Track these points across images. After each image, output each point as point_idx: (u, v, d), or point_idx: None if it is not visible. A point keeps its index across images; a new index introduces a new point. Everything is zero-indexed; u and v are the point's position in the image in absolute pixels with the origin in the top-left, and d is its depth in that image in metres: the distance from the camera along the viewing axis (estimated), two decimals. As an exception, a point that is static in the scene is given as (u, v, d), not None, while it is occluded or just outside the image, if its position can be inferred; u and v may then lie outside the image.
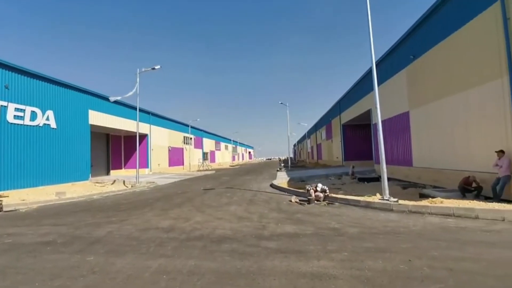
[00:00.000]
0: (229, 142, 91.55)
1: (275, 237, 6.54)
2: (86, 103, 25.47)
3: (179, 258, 5.30)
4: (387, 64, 18.23)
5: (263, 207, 10.75)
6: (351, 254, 5.19)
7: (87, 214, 10.42)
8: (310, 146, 70.34)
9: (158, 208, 11.16)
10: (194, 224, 8.13)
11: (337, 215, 8.89)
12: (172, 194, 15.76)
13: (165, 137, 42.53)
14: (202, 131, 62.61)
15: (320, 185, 11.55)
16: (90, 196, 16.00)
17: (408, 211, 8.88)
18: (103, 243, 6.47)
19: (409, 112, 15.65)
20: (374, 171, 21.25)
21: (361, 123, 30.90)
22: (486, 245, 5.43)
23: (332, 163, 39.13)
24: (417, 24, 14.18)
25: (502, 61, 9.02)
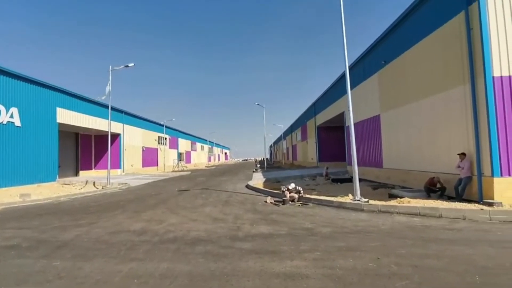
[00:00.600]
0: (205, 142, 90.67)
1: (250, 238, 6.57)
2: (54, 101, 24.31)
3: (151, 261, 5.19)
4: (360, 68, 18.81)
5: (238, 208, 10.75)
6: (323, 253, 5.30)
7: (54, 217, 9.97)
8: (286, 147, 71.09)
9: (130, 210, 10.87)
10: (167, 226, 8.00)
11: (310, 215, 9.06)
12: (145, 196, 15.40)
13: (139, 137, 41.47)
14: (178, 131, 61.61)
15: (293, 185, 11.71)
16: (57, 198, 15.31)
17: (378, 210, 9.20)
18: (70, 247, 6.22)
19: (380, 115, 16.23)
20: (347, 172, 21.83)
21: (335, 125, 31.61)
22: (448, 243, 5.73)
23: (307, 164, 39.79)
24: (388, 30, 14.74)
25: (465, 68, 9.56)
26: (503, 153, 8.68)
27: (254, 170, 35.53)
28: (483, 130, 8.92)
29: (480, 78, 8.96)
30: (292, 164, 53.34)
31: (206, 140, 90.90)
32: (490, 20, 8.95)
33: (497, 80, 8.82)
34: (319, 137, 35.05)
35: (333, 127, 33.02)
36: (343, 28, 10.84)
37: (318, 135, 35.09)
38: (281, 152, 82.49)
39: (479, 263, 4.56)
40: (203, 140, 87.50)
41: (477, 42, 9.07)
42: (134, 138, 39.84)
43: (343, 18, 10.91)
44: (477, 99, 9.10)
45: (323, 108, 30.69)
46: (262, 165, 45.76)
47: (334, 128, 33.06)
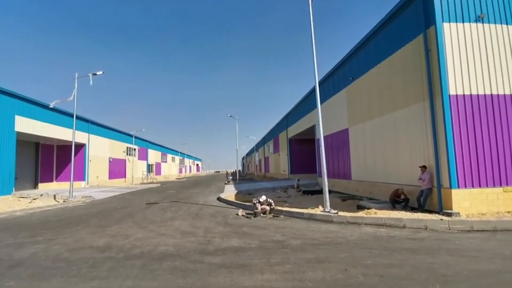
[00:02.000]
0: (177, 154, 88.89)
1: (220, 252, 6.46)
2: (13, 108, 22.85)
3: (115, 279, 4.94)
4: (330, 83, 19.48)
5: (209, 221, 10.56)
6: (294, 265, 5.33)
7: (8, 233, 9.24)
8: (258, 159, 71.36)
9: (93, 225, 10.33)
10: (134, 241, 7.68)
11: (281, 227, 9.09)
12: (111, 209, 14.73)
13: (106, 147, 39.85)
14: (148, 142, 59.97)
15: (264, 197, 11.72)
16: (13, 212, 14.25)
17: (346, 222, 9.41)
18: (25, 266, 5.77)
19: (348, 129, 16.81)
20: (318, 184, 22.23)
21: (307, 138, 32.23)
22: (411, 252, 5.98)
23: (279, 176, 40.09)
24: (355, 48, 15.46)
25: (424, 87, 10.21)
26: (460, 166, 9.25)
27: (226, 182, 35.24)
28: (441, 145, 9.48)
29: (438, 96, 9.59)
30: (265, 176, 53.55)
31: (177, 151, 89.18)
32: (446, 42, 9.66)
33: (453, 98, 9.46)
34: (291, 149, 35.52)
35: (304, 140, 33.67)
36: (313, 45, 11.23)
37: (290, 147, 35.57)
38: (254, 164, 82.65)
39: (439, 271, 4.79)
40: (174, 151, 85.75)
41: (434, 63, 9.73)
42: (101, 149, 38.23)
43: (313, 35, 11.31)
44: (435, 116, 9.70)
45: (295, 121, 31.27)
46: (234, 177, 45.50)
47: (305, 141, 33.71)
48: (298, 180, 22.27)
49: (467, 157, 9.34)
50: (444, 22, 9.71)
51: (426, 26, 10.08)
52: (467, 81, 9.61)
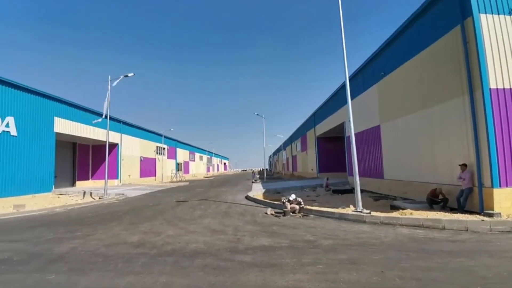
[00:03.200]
0: (204, 152, 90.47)
1: (250, 250, 6.41)
2: (52, 110, 24.21)
3: (149, 274, 5.03)
4: (360, 79, 18.92)
5: (238, 219, 10.57)
6: (326, 266, 5.18)
7: (48, 229, 9.74)
8: (285, 157, 70.98)
9: (127, 222, 10.67)
10: (165, 238, 7.82)
11: (312, 227, 8.91)
12: (142, 207, 15.17)
13: (137, 147, 41.27)
14: (176, 141, 61.45)
15: (294, 196, 11.56)
16: (53, 209, 15.07)
17: (380, 222, 9.06)
18: (65, 260, 6.03)
19: (380, 126, 16.23)
20: (348, 183, 21.70)
21: (335, 136, 31.61)
22: (451, 255, 5.65)
23: (307, 175, 39.62)
24: (387, 42, 14.87)
25: (463, 81, 9.62)
26: (501, 164, 8.71)
27: (254, 181, 35.30)
28: (483, 141, 8.93)
29: (478, 90, 9.03)
30: (292, 174, 53.11)
31: (205, 150, 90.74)
32: (484, 33, 9.13)
33: (494, 92, 8.91)
34: (319, 148, 34.97)
35: (333, 138, 33.02)
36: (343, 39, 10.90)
37: (318, 146, 35.02)
38: (281, 163, 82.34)
39: (479, 274, 4.58)
40: (202, 150, 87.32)
41: (473, 55, 9.20)
42: (132, 148, 39.64)
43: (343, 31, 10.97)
44: (476, 111, 9.14)
45: (323, 119, 30.74)
46: (261, 175, 45.53)
47: (334, 139, 33.05)
48: (327, 179, 21.85)
49: (508, 155, 8.78)
50: (481, 13, 9.21)
51: (463, 17, 9.54)
52: (506, 74, 9.05)
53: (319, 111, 32.80)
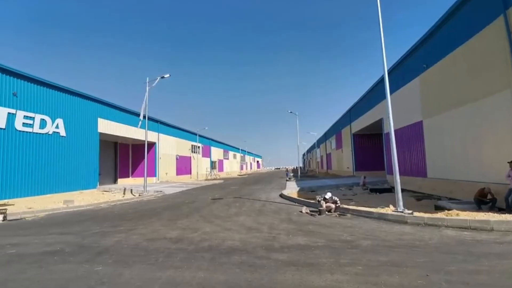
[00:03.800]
0: (237, 151, 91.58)
1: (286, 249, 6.36)
2: (96, 111, 25.78)
3: (188, 269, 5.16)
4: (399, 72, 18.06)
5: (273, 217, 10.55)
6: (366, 268, 5.01)
7: (94, 223, 10.36)
8: (319, 155, 69.82)
9: (165, 218, 11.05)
10: (202, 235, 7.99)
11: (349, 226, 8.66)
12: (179, 204, 15.66)
13: (173, 145, 42.70)
14: (210, 140, 62.77)
15: (329, 194, 11.31)
16: (98, 204, 16.00)
17: (423, 223, 8.60)
18: (110, 253, 6.37)
19: (422, 121, 15.39)
20: (387, 181, 20.87)
21: (373, 133, 30.60)
22: (499, 257, 5.34)
23: (343, 173, 38.68)
24: (429, 33, 14.06)
25: (510, 71, 8.85)
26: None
27: (288, 179, 35.12)
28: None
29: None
30: (327, 173, 52.10)
31: (238, 148, 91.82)
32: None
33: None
34: (355, 145, 33.96)
35: (370, 135, 31.97)
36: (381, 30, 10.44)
37: (354, 143, 34.02)
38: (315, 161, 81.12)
39: None
40: (235, 148, 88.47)
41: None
42: (169, 147, 41.08)
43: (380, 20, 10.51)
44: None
45: (359, 115, 29.82)
46: (295, 174, 45.18)
47: (371, 136, 31.99)
48: (364, 177, 21.13)
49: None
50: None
51: (505, 6, 8.91)
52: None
53: (355, 107, 31.85)
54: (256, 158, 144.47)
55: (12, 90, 17.89)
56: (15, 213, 12.37)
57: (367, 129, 29.06)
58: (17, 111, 18.09)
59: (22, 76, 18.61)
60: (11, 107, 17.74)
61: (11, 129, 17.73)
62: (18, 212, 12.62)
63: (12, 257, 6.22)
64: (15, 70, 18.07)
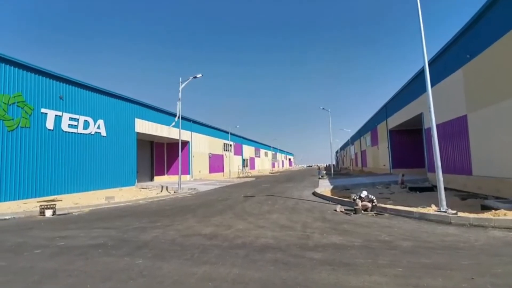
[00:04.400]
0: (269, 148, 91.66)
1: (321, 248, 6.25)
2: (133, 112, 26.98)
3: (223, 265, 5.23)
4: (440, 64, 17.02)
5: (306, 216, 10.42)
6: (406, 270, 4.79)
7: (134, 218, 10.83)
8: (353, 152, 67.98)
9: (200, 215, 11.30)
10: (236, 232, 8.06)
11: (387, 226, 8.33)
12: (213, 201, 15.95)
13: (206, 144, 43.60)
14: (242, 138, 63.36)
15: (365, 193, 10.93)
16: (136, 201, 16.72)
17: (468, 224, 8.07)
18: (149, 247, 6.62)
19: (466, 115, 14.40)
20: (427, 179, 19.83)
21: (411, 128, 29.17)
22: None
23: (379, 171, 37.30)
24: (472, 21, 13.10)
25: None
26: None
27: (320, 177, 34.55)
28: None
29: None
30: (362, 170, 50.56)
31: (269, 146, 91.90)
32: None
33: None
34: (391, 142, 32.51)
35: (408, 131, 30.45)
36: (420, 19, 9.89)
37: (390, 140, 32.57)
38: (349, 158, 79.15)
39: None
40: (266, 146, 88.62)
41: None
42: (201, 145, 42.02)
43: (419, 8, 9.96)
44: None
45: (396, 110, 28.52)
46: (328, 171, 44.36)
47: (409, 132, 30.47)
48: (402, 175, 20.17)
49: None
50: None
51: None
52: None
53: (391, 102, 30.53)
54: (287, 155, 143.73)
55: (59, 94, 19.21)
56: (63, 208, 13.28)
57: (405, 125, 27.74)
58: (63, 113, 19.41)
59: (67, 80, 19.92)
60: (58, 109, 19.06)
61: (58, 130, 19.04)
62: (66, 207, 13.54)
63: (61, 249, 6.68)
64: (61, 75, 19.38)
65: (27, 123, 17.03)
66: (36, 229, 9.20)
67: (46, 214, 11.83)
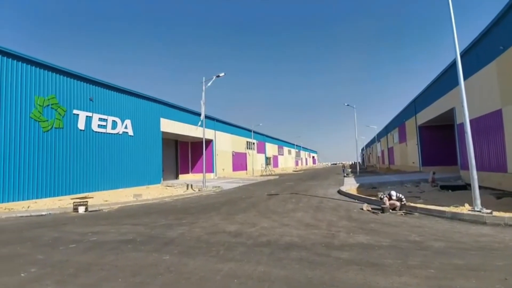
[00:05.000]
0: (292, 146, 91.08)
1: (347, 247, 6.13)
2: (158, 112, 27.69)
3: (248, 263, 5.25)
4: (472, 57, 16.17)
5: (331, 214, 10.26)
6: (438, 271, 4.62)
7: (160, 216, 11.11)
8: (380, 150, 66.19)
9: (224, 213, 11.40)
10: (260, 230, 8.07)
11: (417, 226, 8.05)
12: (237, 199, 16.05)
13: (229, 142, 43.98)
14: (265, 136, 63.36)
15: (394, 192, 10.59)
16: (162, 198, 17.13)
17: (504, 224, 7.69)
18: (176, 244, 6.76)
19: (501, 110, 13.60)
20: (460, 177, 18.95)
21: (441, 124, 27.92)
22: None
23: (407, 169, 36.06)
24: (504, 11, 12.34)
25: None
26: None
27: (345, 175, 33.91)
28: None
29: None
30: (389, 168, 49.07)
31: (293, 144, 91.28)
32: None
33: None
34: (421, 138, 31.23)
35: (438, 126, 29.15)
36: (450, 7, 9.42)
37: (420, 136, 31.30)
38: (375, 156, 77.15)
39: None
40: (290, 144, 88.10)
41: None
42: (225, 144, 42.43)
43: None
44: None
45: (426, 105, 27.36)
46: (353, 169, 43.47)
47: (439, 127, 29.17)
48: (433, 173, 19.36)
49: None
50: None
51: None
52: None
53: (421, 97, 29.35)
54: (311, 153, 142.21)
55: (89, 96, 20.05)
56: (94, 205, 13.85)
57: (435, 120, 26.58)
58: (93, 114, 20.24)
59: (96, 82, 20.75)
60: (88, 110, 19.90)
61: (89, 130, 19.89)
62: (97, 204, 14.11)
63: (94, 244, 6.96)
64: (90, 77, 20.23)
65: (61, 124, 17.90)
66: (70, 225, 9.65)
67: (79, 211, 12.38)
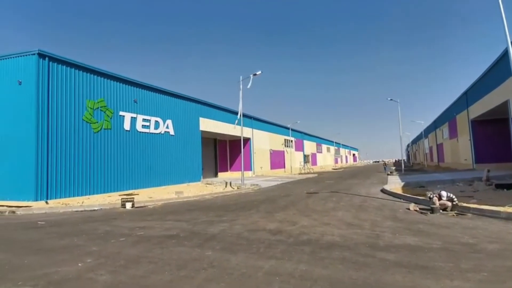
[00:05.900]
0: (331, 144, 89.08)
1: (393, 248, 5.86)
2: (198, 112, 28.58)
3: (289, 261, 5.22)
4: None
5: (375, 214, 9.88)
6: (492, 274, 4.35)
7: (201, 212, 11.44)
8: (428, 146, 62.47)
9: (263, 210, 11.45)
10: (300, 228, 8.00)
11: (470, 228, 7.49)
12: (275, 197, 16.05)
13: (266, 140, 44.09)
14: (303, 133, 62.63)
15: (444, 192, 9.91)
16: (203, 196, 17.63)
17: None
18: (217, 240, 6.92)
19: None
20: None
21: (497, 118, 25.66)
22: None
23: (459, 166, 33.62)
24: None
25: None
26: None
27: (389, 173, 32.45)
28: None
29: None
30: (438, 166, 46.12)
31: (332, 141, 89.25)
32: None
33: None
34: (474, 133, 28.96)
35: (493, 120, 26.83)
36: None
37: (473, 131, 29.04)
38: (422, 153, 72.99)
39: None
40: (329, 141, 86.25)
41: None
42: (262, 142, 42.61)
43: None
44: None
45: (479, 98, 25.25)
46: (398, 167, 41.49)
47: (494, 121, 26.84)
48: (488, 170, 17.84)
49: None
50: None
51: None
52: None
53: (473, 89, 27.14)
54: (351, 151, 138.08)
55: (133, 98, 21.23)
56: (140, 202, 14.64)
57: (490, 114, 24.46)
58: (137, 115, 21.42)
59: (139, 85, 21.94)
60: (133, 111, 21.09)
61: (134, 130, 21.08)
62: (142, 201, 14.91)
63: (141, 238, 7.35)
64: (134, 80, 21.44)
65: (109, 125, 19.15)
66: (119, 220, 10.29)
67: (126, 207, 13.16)
